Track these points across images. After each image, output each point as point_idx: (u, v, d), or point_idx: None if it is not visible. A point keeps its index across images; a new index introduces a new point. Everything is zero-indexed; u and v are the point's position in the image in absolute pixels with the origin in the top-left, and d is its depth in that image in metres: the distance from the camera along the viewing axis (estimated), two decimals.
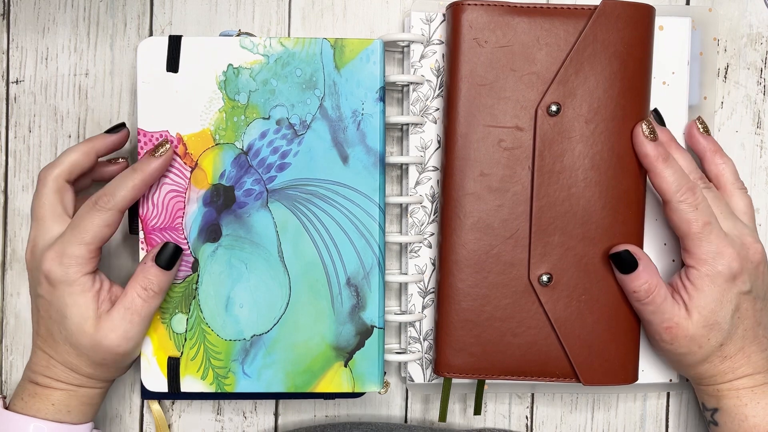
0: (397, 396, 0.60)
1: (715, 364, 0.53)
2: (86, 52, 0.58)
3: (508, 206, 0.54)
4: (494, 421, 0.60)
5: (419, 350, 0.57)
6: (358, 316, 0.54)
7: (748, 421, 0.52)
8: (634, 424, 0.60)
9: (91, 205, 0.50)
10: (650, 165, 0.52)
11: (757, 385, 0.53)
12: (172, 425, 0.60)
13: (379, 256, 0.54)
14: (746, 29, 0.60)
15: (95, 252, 0.51)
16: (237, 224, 0.53)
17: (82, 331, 0.50)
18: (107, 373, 0.53)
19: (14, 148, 0.59)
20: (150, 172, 0.51)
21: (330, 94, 0.53)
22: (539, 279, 0.53)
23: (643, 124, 0.53)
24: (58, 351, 0.51)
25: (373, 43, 0.53)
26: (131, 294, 0.51)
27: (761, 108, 0.60)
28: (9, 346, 0.59)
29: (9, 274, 0.59)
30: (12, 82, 0.59)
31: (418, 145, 0.56)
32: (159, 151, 0.52)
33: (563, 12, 0.53)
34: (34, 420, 0.51)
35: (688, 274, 0.52)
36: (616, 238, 0.53)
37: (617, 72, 0.53)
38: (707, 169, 0.55)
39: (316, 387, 0.54)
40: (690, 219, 0.51)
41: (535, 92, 0.53)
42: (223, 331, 0.54)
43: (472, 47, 0.53)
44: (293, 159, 0.53)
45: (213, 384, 0.54)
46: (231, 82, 0.53)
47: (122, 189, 0.50)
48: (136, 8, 0.59)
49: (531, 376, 0.54)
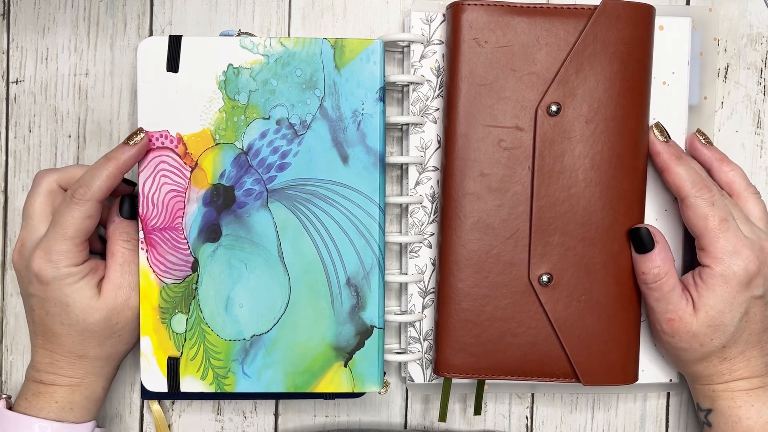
0: (397, 396, 0.60)
1: (714, 364, 0.53)
2: (86, 52, 0.58)
3: (508, 206, 0.54)
4: (494, 421, 0.60)
5: (419, 350, 0.57)
6: (358, 316, 0.54)
7: (742, 423, 0.52)
8: (634, 424, 0.60)
9: (69, 199, 0.51)
10: (664, 163, 0.52)
11: (752, 389, 0.52)
12: (172, 425, 0.60)
13: (379, 256, 0.53)
14: (746, 29, 0.60)
15: (82, 245, 0.51)
16: (237, 224, 0.53)
17: (90, 308, 0.51)
18: (117, 345, 0.53)
19: (14, 148, 0.59)
20: (124, 161, 0.51)
21: (330, 94, 0.53)
22: (539, 279, 0.53)
23: (654, 126, 0.53)
24: (61, 344, 0.52)
25: (373, 43, 0.53)
26: (119, 250, 0.53)
27: (761, 108, 0.60)
28: (9, 346, 0.59)
29: (9, 274, 0.59)
30: (12, 82, 0.59)
31: (418, 145, 0.56)
32: (133, 139, 0.52)
33: (563, 12, 0.53)
34: (37, 420, 0.51)
35: (701, 273, 0.52)
36: (616, 239, 0.53)
37: (617, 72, 0.53)
38: (717, 178, 0.55)
39: (316, 387, 0.54)
40: (707, 214, 0.51)
41: (535, 92, 0.53)
42: (222, 331, 0.54)
43: (472, 47, 0.53)
44: (293, 159, 0.53)
45: (213, 384, 0.54)
46: (231, 82, 0.53)
47: (97, 179, 0.51)
48: (136, 8, 0.59)
49: (531, 376, 0.54)
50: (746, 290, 0.51)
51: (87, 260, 0.52)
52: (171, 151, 0.53)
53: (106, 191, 0.51)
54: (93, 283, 0.52)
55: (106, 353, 0.53)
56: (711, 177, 0.55)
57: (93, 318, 0.51)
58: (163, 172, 0.53)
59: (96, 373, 0.53)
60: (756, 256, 0.51)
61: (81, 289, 0.51)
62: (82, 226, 0.51)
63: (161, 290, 0.53)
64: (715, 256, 0.51)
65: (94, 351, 0.52)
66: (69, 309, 0.51)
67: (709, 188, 0.52)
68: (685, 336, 0.52)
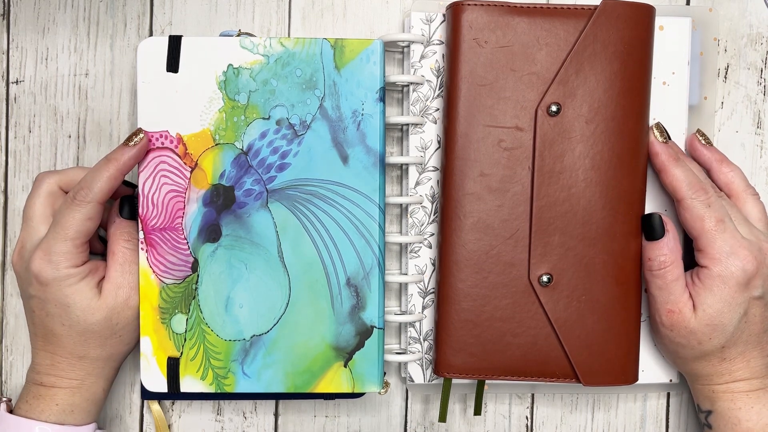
0: (397, 396, 0.60)
1: (714, 364, 0.53)
2: (86, 52, 0.58)
3: (508, 206, 0.54)
4: (494, 421, 0.60)
5: (419, 350, 0.57)
6: (358, 317, 0.54)
7: (741, 425, 0.52)
8: (634, 424, 0.60)
9: (71, 201, 0.51)
10: (662, 164, 0.53)
11: (752, 390, 0.52)
12: (172, 425, 0.60)
13: (379, 256, 0.53)
14: (746, 29, 0.60)
15: (82, 246, 0.51)
16: (237, 224, 0.53)
17: (91, 308, 0.51)
18: (117, 345, 0.53)
19: (14, 148, 0.59)
20: (125, 162, 0.51)
21: (330, 94, 0.53)
22: (539, 279, 0.53)
23: (654, 127, 0.53)
24: (61, 345, 0.52)
25: (373, 43, 0.53)
26: (120, 250, 0.53)
27: (761, 108, 0.60)
28: (9, 347, 0.59)
29: (9, 274, 0.59)
30: (12, 82, 0.59)
31: (418, 146, 0.56)
32: (133, 140, 0.52)
33: (563, 12, 0.53)
34: (38, 423, 0.51)
35: (699, 273, 0.52)
36: (616, 239, 0.53)
37: (617, 72, 0.53)
38: (716, 179, 0.55)
39: (315, 387, 0.54)
40: (703, 216, 0.51)
41: (535, 92, 0.53)
42: (222, 331, 0.54)
43: (472, 47, 0.53)
44: (293, 159, 0.53)
45: (213, 384, 0.54)
46: (231, 82, 0.53)
47: (99, 181, 0.51)
48: (136, 8, 0.59)
49: (531, 376, 0.54)
50: (745, 291, 0.51)
51: (87, 261, 0.52)
52: (171, 152, 0.53)
53: (108, 192, 0.51)
54: (93, 284, 0.52)
55: (106, 354, 0.53)
56: (710, 178, 0.55)
57: (93, 318, 0.51)
58: (163, 173, 0.53)
59: (96, 374, 0.53)
60: (754, 257, 0.51)
61: (81, 290, 0.51)
62: (83, 227, 0.51)
63: (161, 290, 0.53)
64: (712, 257, 0.51)
65: (94, 352, 0.52)
66: (69, 310, 0.51)
67: (706, 190, 0.52)
68: (683, 331, 0.52)
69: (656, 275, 0.52)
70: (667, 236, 0.52)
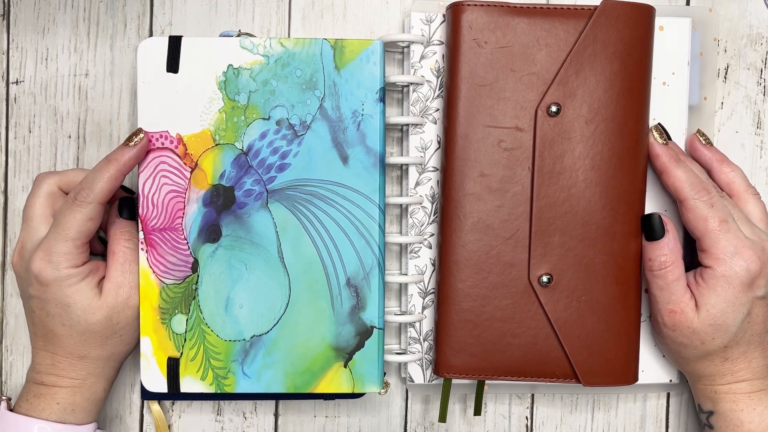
0: (397, 396, 0.60)
1: (716, 364, 0.53)
2: (86, 52, 0.58)
3: (508, 207, 0.54)
4: (494, 422, 0.60)
5: (419, 351, 0.57)
6: (358, 317, 0.54)
7: (743, 427, 0.52)
8: (634, 424, 0.60)
9: (72, 201, 0.51)
10: (663, 166, 0.53)
11: (754, 391, 0.52)
12: (172, 425, 0.60)
13: (378, 256, 0.53)
14: (746, 29, 0.60)
15: (82, 247, 0.51)
16: (237, 225, 0.53)
17: (91, 308, 0.51)
18: (117, 345, 0.53)
19: (14, 148, 0.59)
20: (125, 162, 0.51)
21: (330, 94, 0.53)
22: (539, 280, 0.53)
23: (654, 129, 0.53)
24: (62, 345, 0.52)
25: (373, 43, 0.53)
26: (120, 249, 0.53)
27: (761, 108, 0.60)
28: (9, 347, 0.59)
29: (9, 274, 0.59)
30: (12, 83, 0.59)
31: (418, 146, 0.56)
32: (133, 140, 0.52)
33: (563, 12, 0.53)
34: (38, 421, 0.51)
35: (702, 273, 0.52)
36: (616, 239, 0.53)
37: (617, 72, 0.53)
38: (717, 179, 0.55)
39: (315, 387, 0.54)
40: (706, 216, 0.51)
41: (535, 93, 0.53)
42: (222, 331, 0.54)
43: (472, 48, 0.53)
44: (293, 159, 0.53)
45: (213, 384, 0.54)
46: (231, 82, 0.53)
47: (99, 181, 0.51)
48: (136, 8, 0.59)
49: (531, 376, 0.54)
50: (749, 291, 0.51)
51: (87, 261, 0.52)
52: (171, 152, 0.53)
53: (108, 193, 0.51)
54: (93, 284, 0.52)
55: (107, 354, 0.53)
56: (711, 178, 0.55)
57: (94, 318, 0.51)
58: (163, 173, 0.53)
59: (97, 374, 0.53)
60: (758, 257, 0.51)
61: (81, 290, 0.51)
62: (84, 228, 0.51)
63: (161, 291, 0.53)
64: (716, 257, 0.51)
65: (95, 351, 0.52)
66: (70, 309, 0.51)
67: (708, 190, 0.52)
68: (685, 331, 0.52)
69: (657, 275, 0.52)
70: (668, 236, 0.52)
